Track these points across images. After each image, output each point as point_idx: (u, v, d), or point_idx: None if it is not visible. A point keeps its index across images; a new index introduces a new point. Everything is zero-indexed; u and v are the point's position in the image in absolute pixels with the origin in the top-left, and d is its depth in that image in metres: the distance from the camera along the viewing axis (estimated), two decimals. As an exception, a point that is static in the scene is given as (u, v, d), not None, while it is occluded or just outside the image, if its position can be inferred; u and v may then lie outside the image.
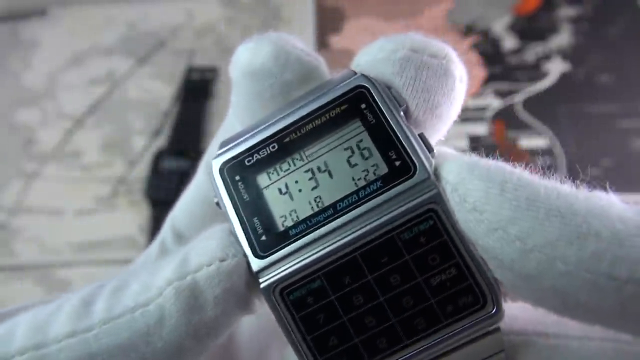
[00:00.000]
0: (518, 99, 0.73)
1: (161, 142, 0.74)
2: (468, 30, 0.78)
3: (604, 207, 0.17)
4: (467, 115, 0.72)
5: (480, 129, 0.71)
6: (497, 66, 0.76)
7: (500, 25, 0.79)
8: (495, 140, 0.70)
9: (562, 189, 0.18)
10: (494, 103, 0.73)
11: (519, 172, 0.18)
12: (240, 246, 0.20)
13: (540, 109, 0.72)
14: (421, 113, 0.21)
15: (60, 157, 0.75)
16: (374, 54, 0.21)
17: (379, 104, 0.20)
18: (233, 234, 0.20)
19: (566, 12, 0.78)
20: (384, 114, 0.20)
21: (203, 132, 0.74)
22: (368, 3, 0.82)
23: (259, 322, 0.28)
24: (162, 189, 0.70)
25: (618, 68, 0.73)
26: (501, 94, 0.73)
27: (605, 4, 0.78)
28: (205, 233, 0.21)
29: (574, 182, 0.18)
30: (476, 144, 0.70)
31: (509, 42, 0.77)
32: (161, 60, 0.81)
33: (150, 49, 0.82)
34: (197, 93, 0.78)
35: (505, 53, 0.76)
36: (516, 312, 0.21)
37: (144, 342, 0.19)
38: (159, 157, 0.72)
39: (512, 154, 0.70)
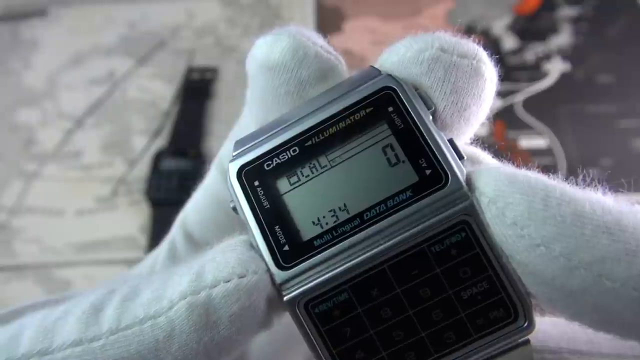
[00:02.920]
0: (518, 99, 0.73)
1: (161, 142, 0.74)
2: (468, 30, 0.78)
3: None
4: (467, 115, 0.72)
5: (480, 129, 0.71)
6: (497, 66, 0.76)
7: (500, 25, 0.79)
8: (495, 140, 0.70)
9: (606, 202, 0.17)
10: (494, 103, 0.73)
11: (561, 185, 0.17)
12: (262, 258, 0.19)
13: (540, 109, 0.72)
14: (449, 116, 0.20)
15: (60, 157, 0.75)
16: (401, 53, 0.20)
17: (407, 107, 0.19)
18: (254, 244, 0.19)
19: (566, 12, 0.78)
20: (412, 118, 0.19)
21: (203, 132, 0.74)
22: (368, 3, 0.82)
23: (270, 333, 0.28)
24: (162, 189, 0.69)
25: (618, 68, 0.73)
26: (501, 94, 0.73)
27: (605, 4, 0.78)
28: (223, 245, 0.20)
29: (614, 191, 0.18)
30: (476, 144, 0.70)
31: (509, 42, 0.77)
32: (161, 60, 0.81)
33: (150, 49, 0.82)
34: (197, 93, 0.78)
35: (505, 53, 0.76)
36: (548, 327, 0.21)
37: (151, 357, 0.18)
38: (159, 157, 0.72)
39: (512, 154, 0.70)
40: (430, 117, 0.19)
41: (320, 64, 0.21)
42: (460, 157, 0.19)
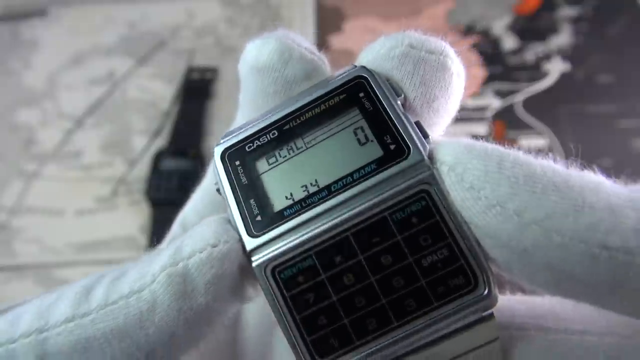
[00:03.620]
0: (518, 99, 0.73)
1: (161, 142, 0.74)
2: (468, 30, 0.78)
3: (598, 182, 0.18)
4: (467, 115, 0.72)
5: (480, 129, 0.71)
6: (497, 66, 0.76)
7: (500, 25, 0.79)
8: (495, 140, 0.70)
9: (556, 167, 0.18)
10: (494, 103, 0.73)
11: (515, 152, 0.19)
12: (236, 229, 0.20)
13: (540, 109, 0.72)
14: (419, 106, 0.21)
15: (60, 157, 0.75)
16: (375, 50, 0.22)
17: (377, 92, 0.21)
18: (230, 219, 0.21)
19: (566, 12, 0.78)
20: (380, 101, 0.21)
21: (203, 132, 0.74)
22: (368, 3, 0.82)
23: (264, 307, 0.28)
24: (162, 189, 0.69)
25: (618, 68, 0.73)
26: (501, 94, 0.73)
27: (605, 4, 0.78)
28: (202, 222, 0.21)
29: (566, 163, 0.19)
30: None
31: (509, 42, 0.77)
32: (161, 60, 0.81)
33: (150, 49, 0.82)
34: (197, 93, 0.78)
35: (505, 53, 0.76)
36: (515, 305, 0.21)
37: (138, 328, 0.19)
38: (159, 157, 0.72)
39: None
40: (399, 102, 0.21)
41: (304, 64, 0.22)
42: (425, 135, 0.20)
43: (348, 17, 0.81)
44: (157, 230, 0.67)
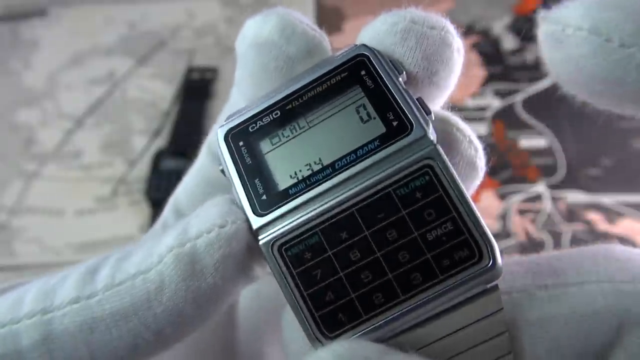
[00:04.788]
0: (518, 99, 0.73)
1: (161, 142, 0.74)
2: (468, 30, 0.78)
3: None
4: (467, 115, 0.72)
5: (480, 129, 0.71)
6: (497, 66, 0.76)
7: (500, 25, 0.79)
8: (495, 140, 0.70)
9: None
10: (494, 103, 0.73)
11: None
12: (242, 209, 0.20)
13: (540, 109, 0.72)
14: (420, 81, 0.21)
15: (60, 157, 0.75)
16: (377, 27, 0.22)
17: (378, 69, 0.21)
18: (236, 199, 0.21)
19: (566, 12, 0.78)
20: (382, 78, 0.21)
21: (203, 132, 0.74)
22: (368, 3, 0.82)
23: (259, 301, 0.28)
24: (162, 189, 0.69)
25: (618, 68, 0.73)
26: (501, 94, 0.73)
27: (605, 4, 0.78)
28: (207, 203, 0.21)
29: None
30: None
31: (509, 42, 0.77)
32: (161, 60, 0.81)
33: (150, 49, 0.82)
34: (197, 93, 0.78)
35: (505, 53, 0.76)
36: (515, 268, 0.22)
37: (145, 308, 0.19)
38: (159, 157, 0.72)
39: (512, 154, 0.70)
40: (400, 79, 0.21)
41: (306, 40, 0.22)
42: (427, 112, 0.20)
43: (348, 17, 0.81)
44: (157, 230, 0.67)
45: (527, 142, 0.70)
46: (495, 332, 0.19)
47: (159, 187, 0.70)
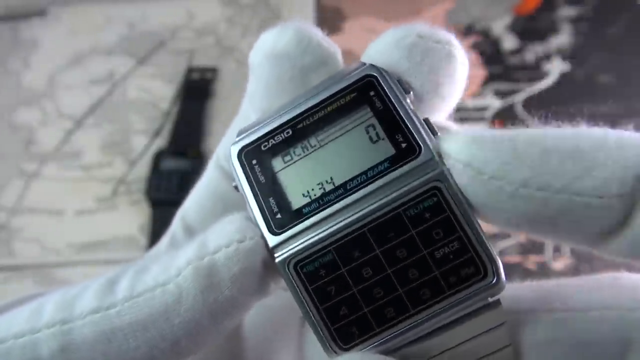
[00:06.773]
0: (518, 99, 0.73)
1: (161, 142, 0.74)
2: (468, 30, 0.78)
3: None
4: (467, 115, 0.72)
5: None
6: (497, 66, 0.76)
7: (500, 25, 0.79)
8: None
9: (560, 132, 0.20)
10: (494, 103, 0.73)
11: (521, 130, 0.20)
12: (258, 227, 0.21)
13: (540, 109, 0.72)
14: (426, 93, 0.22)
15: (60, 157, 0.75)
16: (384, 41, 0.23)
17: (386, 90, 0.22)
18: (250, 214, 0.22)
19: (566, 12, 0.78)
20: (391, 100, 0.21)
21: (203, 132, 0.74)
22: (368, 3, 0.82)
23: (268, 313, 0.28)
24: (162, 189, 0.70)
25: (618, 68, 0.73)
26: (501, 94, 0.73)
27: (605, 4, 0.78)
28: (224, 219, 0.22)
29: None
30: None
31: (509, 42, 0.77)
32: (161, 60, 0.81)
33: (150, 49, 0.82)
34: (197, 93, 0.78)
35: (505, 53, 0.76)
36: (524, 292, 0.22)
37: (163, 319, 0.20)
38: (159, 157, 0.72)
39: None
40: (408, 100, 0.22)
41: (321, 51, 0.23)
42: (434, 133, 0.21)
43: (348, 17, 0.81)
44: (157, 230, 0.67)
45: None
46: (500, 345, 0.20)
47: (159, 187, 0.70)
